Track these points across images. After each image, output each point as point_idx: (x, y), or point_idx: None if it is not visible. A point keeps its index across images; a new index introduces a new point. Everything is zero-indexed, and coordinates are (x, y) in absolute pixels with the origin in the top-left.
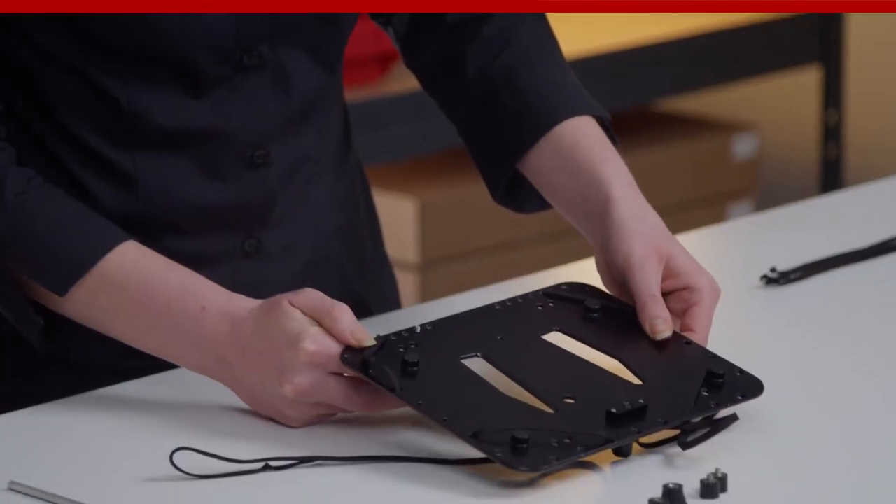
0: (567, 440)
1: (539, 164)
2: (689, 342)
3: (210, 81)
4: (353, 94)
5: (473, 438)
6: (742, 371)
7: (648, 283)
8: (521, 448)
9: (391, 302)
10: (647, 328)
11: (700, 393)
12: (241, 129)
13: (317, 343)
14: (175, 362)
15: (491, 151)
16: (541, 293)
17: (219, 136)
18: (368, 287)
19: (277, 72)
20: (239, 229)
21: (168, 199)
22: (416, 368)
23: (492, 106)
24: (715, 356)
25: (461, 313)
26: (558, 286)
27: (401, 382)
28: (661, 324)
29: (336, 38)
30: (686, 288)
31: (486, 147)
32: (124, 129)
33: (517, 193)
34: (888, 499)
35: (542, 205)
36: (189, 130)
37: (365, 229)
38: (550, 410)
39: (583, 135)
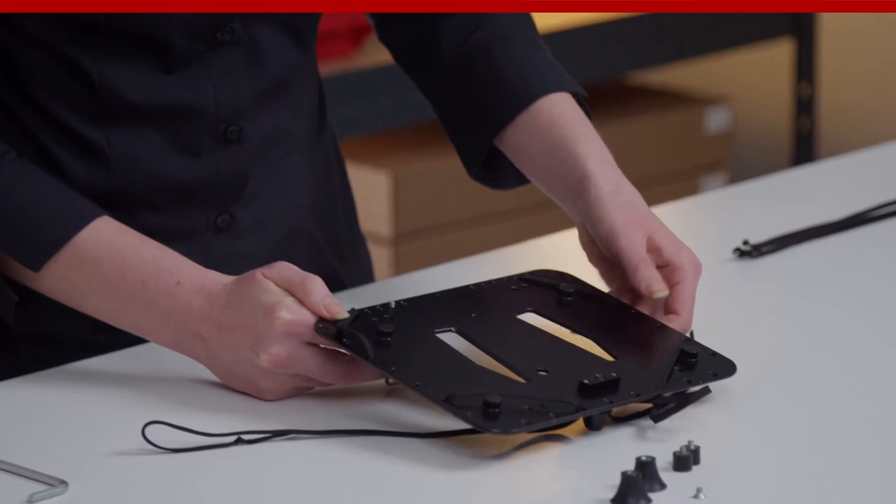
0: (539, 407)
1: (517, 141)
2: (662, 325)
3: (182, 57)
4: (327, 68)
5: (446, 402)
6: (715, 352)
7: (636, 247)
8: (492, 412)
9: (366, 279)
10: (642, 289)
11: (673, 370)
12: (214, 104)
13: (292, 312)
14: (149, 338)
15: (466, 129)
16: (515, 277)
17: (191, 112)
18: (343, 263)
19: (250, 48)
20: (212, 204)
21: (141, 174)
22: (389, 339)
23: (467, 83)
24: (688, 339)
25: (436, 292)
26: (533, 272)
27: (375, 351)
28: (656, 283)
29: (309, 15)
30: (668, 265)
31: (461, 125)
32: (97, 104)
33: (494, 170)
34: (861, 469)
35: (519, 181)
36: (161, 106)
37: (340, 206)
38: (523, 381)
39: (559, 112)
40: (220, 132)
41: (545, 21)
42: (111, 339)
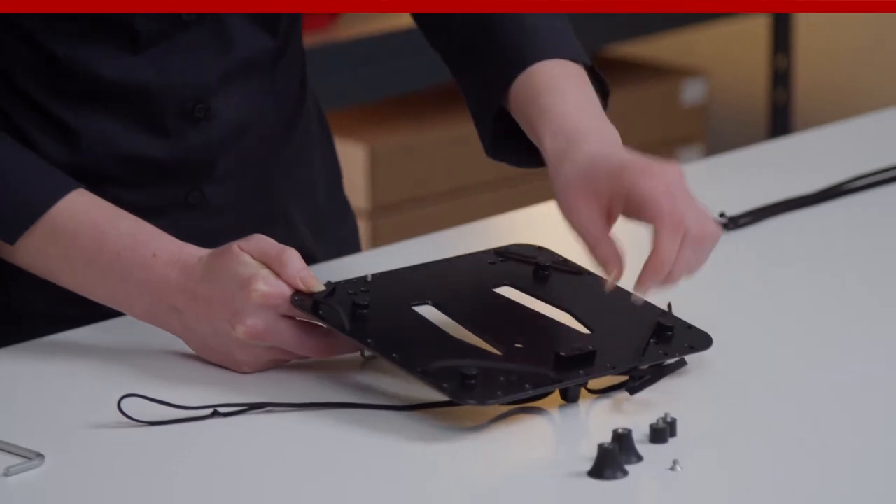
0: (515, 378)
1: (514, 108)
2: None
3: (149, 37)
4: (313, 38)
5: (422, 374)
6: (691, 325)
7: (585, 225)
8: (469, 384)
9: (352, 250)
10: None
11: (649, 342)
12: (181, 83)
13: (269, 285)
14: (124, 311)
15: (476, 93)
16: (492, 251)
17: (159, 91)
18: (320, 239)
19: (217, 28)
20: (181, 182)
21: (109, 152)
22: (366, 311)
23: (474, 46)
24: (665, 312)
25: (412, 265)
26: (510, 246)
27: (351, 324)
28: (611, 262)
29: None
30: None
31: (471, 88)
32: (65, 82)
33: (514, 144)
34: (838, 438)
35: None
36: (129, 85)
37: (321, 180)
38: (499, 353)
39: (540, 79)
40: (188, 111)
41: None
42: (76, 312)
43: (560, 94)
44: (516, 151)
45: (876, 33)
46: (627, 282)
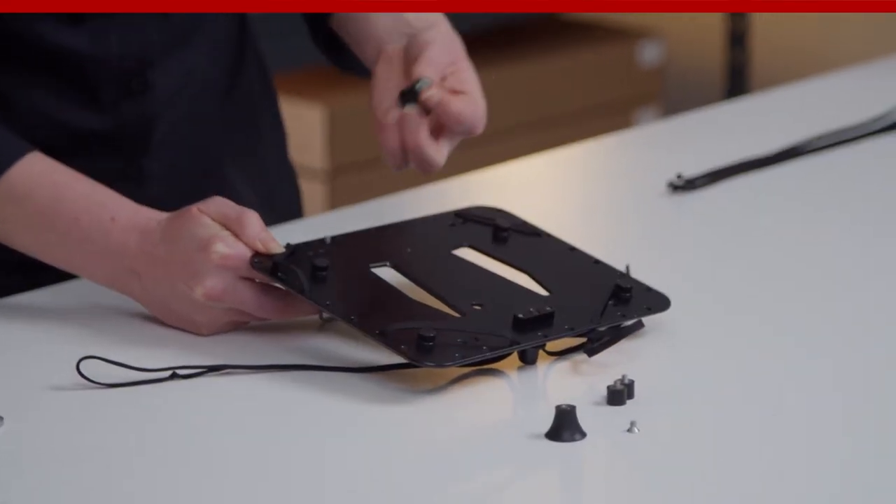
0: (473, 340)
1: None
2: (597, 261)
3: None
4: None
5: (380, 336)
6: (650, 288)
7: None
8: (426, 346)
9: (291, 208)
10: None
11: (607, 305)
12: (119, 55)
13: (228, 246)
14: (82, 275)
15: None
16: (452, 213)
17: (96, 63)
18: (266, 202)
19: None
20: (118, 154)
21: (44, 122)
22: (325, 273)
23: None
24: (624, 274)
25: (371, 227)
26: (470, 208)
27: (310, 286)
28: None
29: None
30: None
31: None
32: (1, 51)
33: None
34: (792, 400)
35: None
36: (66, 56)
37: (265, 142)
38: (458, 315)
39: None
40: (124, 84)
41: None
42: (18, 280)
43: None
44: (336, 54)
45: None
46: (587, 244)
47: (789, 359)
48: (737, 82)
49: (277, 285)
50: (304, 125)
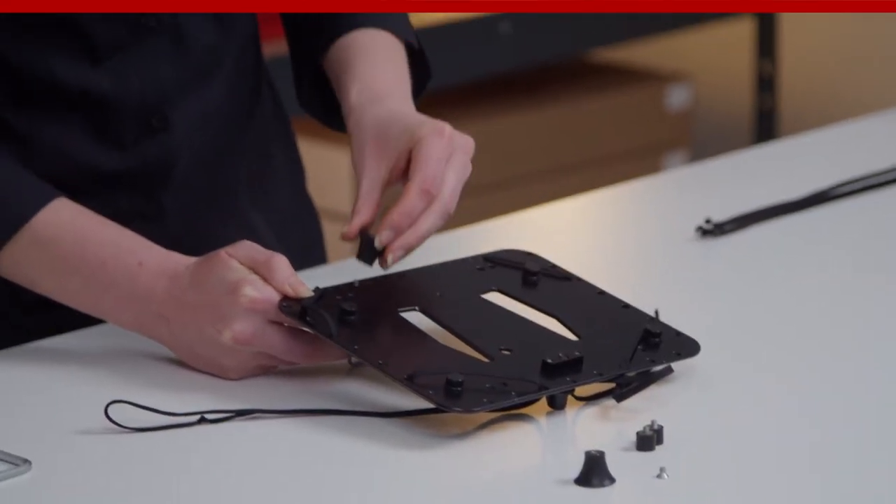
0: (502, 385)
1: (328, 67)
2: (626, 305)
3: (107, 46)
4: (278, 47)
5: (408, 381)
6: (679, 332)
7: (362, 179)
8: (455, 391)
9: (313, 249)
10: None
11: (637, 349)
12: (140, 94)
13: (257, 290)
14: (109, 320)
15: (300, 47)
16: (481, 257)
17: (116, 103)
18: (283, 240)
19: (176, 33)
20: (138, 192)
21: (65, 162)
22: (353, 318)
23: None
24: (653, 318)
25: (400, 271)
26: (499, 251)
27: (338, 330)
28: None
29: None
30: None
31: (296, 42)
32: (21, 91)
33: (322, 102)
34: (824, 447)
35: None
36: (86, 96)
37: (281, 182)
38: (486, 360)
39: (356, 45)
40: (145, 122)
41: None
42: (43, 318)
43: (371, 60)
44: (324, 110)
45: (862, 39)
46: (616, 288)
47: (820, 404)
48: (765, 127)
49: (306, 329)
50: (330, 168)
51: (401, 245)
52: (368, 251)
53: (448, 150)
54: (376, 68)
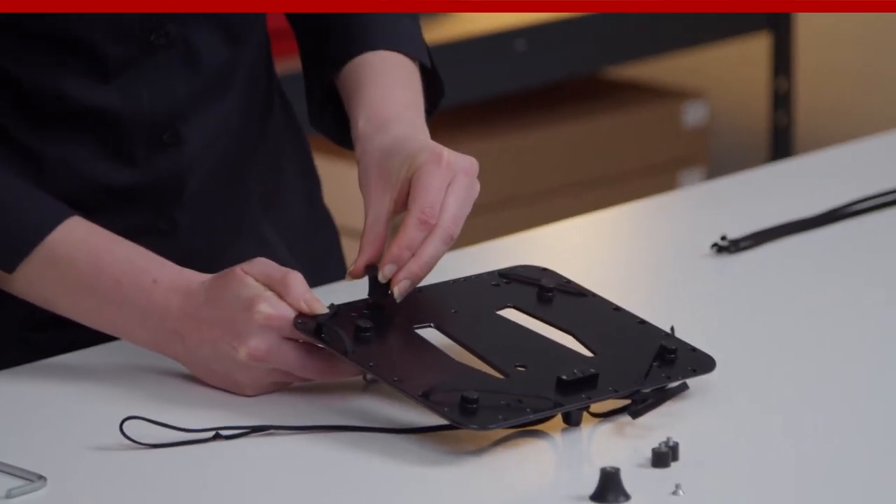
0: (517, 402)
1: (341, 88)
2: (642, 321)
3: (117, 63)
4: (294, 64)
5: (423, 398)
6: (695, 348)
7: (367, 209)
8: (470, 408)
9: (330, 261)
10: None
11: (652, 366)
12: (150, 111)
13: (272, 306)
14: (125, 338)
15: (312, 66)
16: (496, 273)
17: (127, 120)
18: (296, 251)
19: (186, 49)
20: (150, 208)
21: (76, 180)
22: (368, 334)
23: (325, 25)
24: (669, 334)
25: (415, 287)
26: (514, 267)
27: (353, 347)
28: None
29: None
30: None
31: (309, 61)
32: (31, 110)
33: (335, 122)
34: (839, 464)
35: None
36: (97, 113)
37: (295, 194)
38: (501, 376)
39: (367, 67)
40: (156, 139)
41: (520, 16)
42: (49, 337)
43: (381, 83)
44: (336, 128)
45: (878, 56)
46: (631, 305)
47: (836, 420)
48: (781, 144)
49: (321, 346)
50: (346, 185)
51: (405, 276)
52: (377, 288)
53: (447, 176)
54: (385, 92)
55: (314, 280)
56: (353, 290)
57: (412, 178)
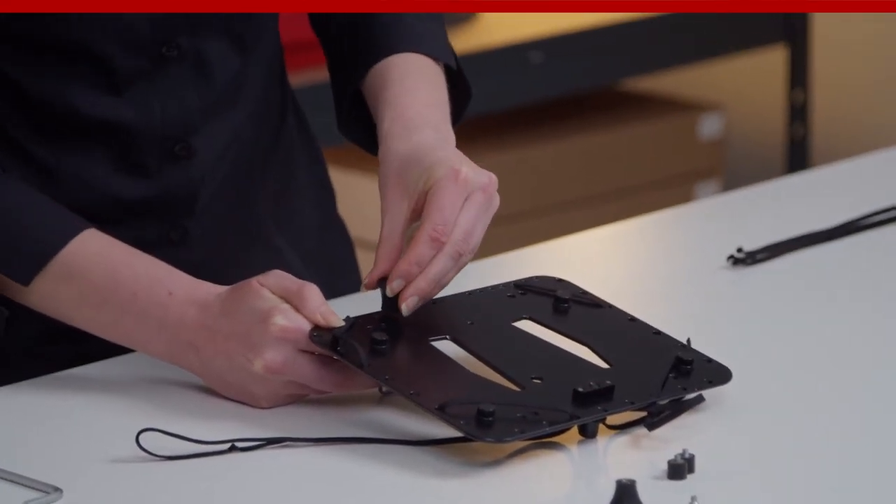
0: (533, 415)
1: (366, 93)
2: (658, 332)
3: (129, 76)
4: (309, 76)
5: (439, 411)
6: (710, 359)
7: (384, 217)
8: (486, 421)
9: (344, 272)
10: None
11: (668, 377)
12: (162, 123)
13: (288, 318)
14: (141, 350)
15: (339, 72)
16: (512, 284)
17: (139, 132)
18: (310, 262)
19: (198, 61)
20: (162, 219)
21: (88, 192)
22: (384, 347)
23: (350, 31)
24: (685, 345)
25: (431, 299)
26: (530, 278)
27: (369, 360)
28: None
29: (254, 22)
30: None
31: (335, 67)
32: (43, 122)
33: (363, 129)
34: (855, 477)
35: None
36: (108, 126)
37: (308, 204)
38: (518, 389)
39: (392, 70)
40: (169, 150)
41: (538, 28)
42: (60, 350)
43: (406, 86)
44: (364, 136)
45: (894, 67)
46: (647, 317)
47: (853, 433)
48: (797, 156)
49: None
50: (361, 197)
51: (413, 293)
52: (389, 301)
53: (462, 193)
54: (408, 92)
55: (329, 291)
56: (369, 301)
57: (428, 192)
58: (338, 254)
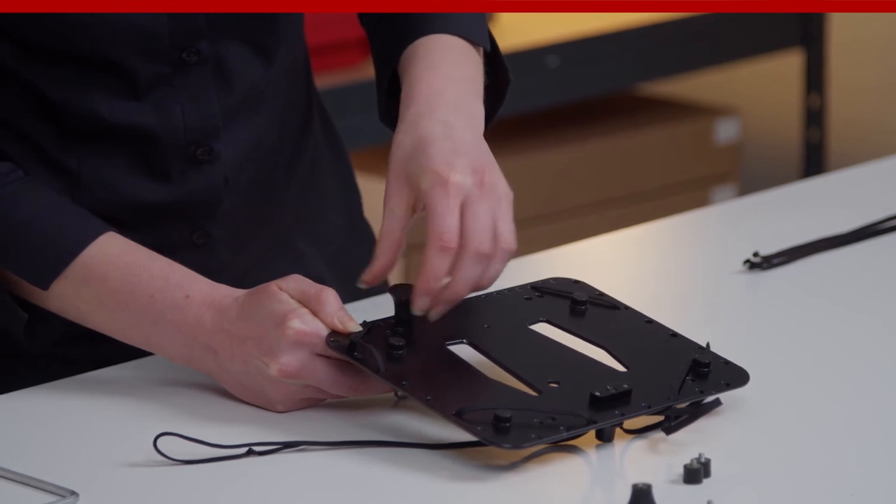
0: (550, 420)
1: (400, 76)
2: (675, 334)
3: (149, 81)
4: (335, 79)
5: (456, 417)
6: (728, 361)
7: (386, 210)
8: (503, 426)
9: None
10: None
11: (685, 380)
12: (184, 127)
13: (304, 322)
14: (158, 353)
15: (378, 60)
16: (529, 286)
17: (161, 136)
18: (334, 264)
19: (218, 66)
20: (185, 223)
21: (111, 196)
22: (401, 352)
23: (388, 18)
24: (702, 348)
25: None
26: (546, 280)
27: (386, 365)
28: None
29: (273, 26)
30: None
31: (376, 56)
32: (65, 128)
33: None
34: (873, 481)
35: None
36: (130, 130)
37: (333, 207)
38: (534, 393)
39: (420, 51)
40: (191, 154)
41: (554, 32)
42: (79, 351)
43: (429, 61)
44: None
45: None
46: (663, 321)
47: (869, 438)
48: (813, 160)
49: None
50: (380, 202)
51: (442, 305)
52: (401, 307)
53: (457, 196)
54: (430, 69)
55: (354, 293)
56: (389, 306)
57: (425, 200)
58: (364, 257)
